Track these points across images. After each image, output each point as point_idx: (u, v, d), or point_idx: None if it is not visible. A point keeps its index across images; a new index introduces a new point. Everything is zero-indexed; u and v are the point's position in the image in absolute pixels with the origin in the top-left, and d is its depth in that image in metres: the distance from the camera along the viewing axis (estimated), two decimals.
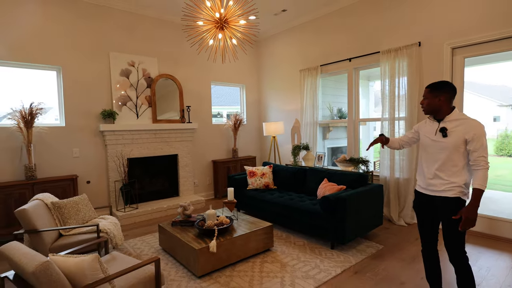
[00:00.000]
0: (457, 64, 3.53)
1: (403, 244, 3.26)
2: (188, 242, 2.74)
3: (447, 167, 1.91)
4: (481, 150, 1.80)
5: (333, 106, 6.54)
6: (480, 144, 1.80)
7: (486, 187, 1.78)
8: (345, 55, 4.63)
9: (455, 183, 1.88)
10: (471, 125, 1.84)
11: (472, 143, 1.82)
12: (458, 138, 1.86)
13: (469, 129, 1.83)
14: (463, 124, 1.86)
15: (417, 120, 3.82)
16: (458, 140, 1.86)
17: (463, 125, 1.86)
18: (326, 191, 3.50)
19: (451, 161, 1.90)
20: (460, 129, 1.86)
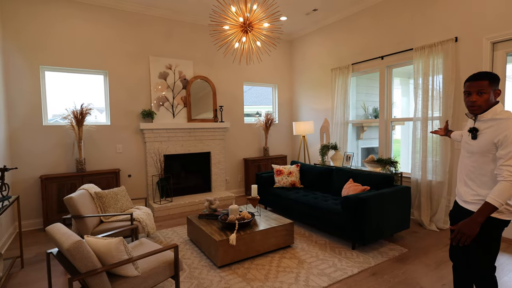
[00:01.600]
0: (498, 59, 3.25)
1: (430, 249, 3.11)
2: (211, 234, 2.93)
3: (476, 175, 1.67)
4: (507, 157, 1.50)
5: (367, 106, 6.34)
6: (508, 150, 1.50)
7: (502, 204, 1.50)
8: (377, 53, 4.50)
9: (483, 196, 1.62)
10: (504, 126, 1.53)
11: (500, 147, 1.54)
12: (487, 141, 1.60)
13: (501, 130, 1.54)
14: (498, 125, 1.56)
15: (452, 120, 3.59)
16: (487, 144, 1.60)
17: (497, 126, 1.57)
18: (349, 191, 3.47)
19: (480, 169, 1.64)
20: (492, 130, 1.58)
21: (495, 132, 1.57)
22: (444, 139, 3.63)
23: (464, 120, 3.51)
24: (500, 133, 1.54)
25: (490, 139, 1.58)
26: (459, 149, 3.58)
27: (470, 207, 1.69)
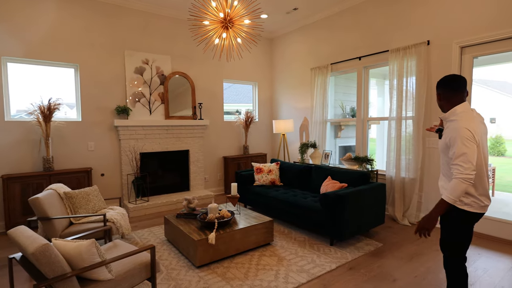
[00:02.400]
0: (465, 63, 3.43)
1: (403, 243, 3.23)
2: (189, 233, 2.87)
3: (445, 171, 1.80)
4: (455, 158, 1.61)
5: (345, 105, 6.48)
6: (453, 151, 1.62)
7: (455, 200, 1.61)
8: (355, 54, 4.60)
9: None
10: (452, 128, 1.66)
11: (450, 147, 1.66)
12: (443, 141, 1.74)
13: (449, 132, 1.68)
14: (450, 126, 1.70)
15: (424, 119, 3.74)
16: (443, 144, 1.74)
17: (449, 127, 1.70)
18: (328, 189, 3.52)
19: (447, 165, 1.76)
20: (446, 131, 1.72)
21: (447, 133, 1.70)
22: (417, 138, 3.77)
23: (435, 120, 3.67)
24: (449, 134, 1.66)
25: (444, 140, 1.73)
26: (430, 148, 3.74)
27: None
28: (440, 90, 1.80)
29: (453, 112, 1.71)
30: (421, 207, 3.85)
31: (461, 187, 1.58)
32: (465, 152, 1.58)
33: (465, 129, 1.61)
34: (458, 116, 1.67)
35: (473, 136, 1.60)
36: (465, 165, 1.58)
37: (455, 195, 1.60)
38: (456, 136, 1.61)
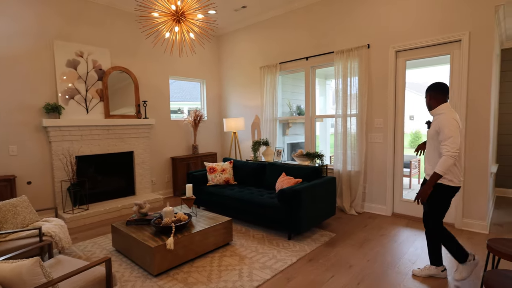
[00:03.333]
0: (399, 66, 3.84)
1: (353, 231, 3.49)
2: (144, 240, 2.65)
3: (431, 156, 2.29)
4: (444, 140, 2.12)
5: (292, 103, 6.73)
6: (442, 136, 2.13)
7: (444, 172, 2.09)
8: (303, 54, 4.79)
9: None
10: (441, 118, 2.17)
11: (439, 134, 2.17)
12: (433, 129, 2.24)
13: (438, 122, 2.18)
14: (437, 118, 2.22)
15: (366, 117, 4.09)
16: (432, 132, 2.24)
17: (438, 119, 2.21)
18: (283, 185, 3.61)
19: (434, 149, 2.26)
20: (435, 122, 2.24)
21: (436, 122, 2.22)
22: (361, 134, 4.09)
23: (376, 117, 4.04)
24: (439, 123, 2.18)
25: (434, 128, 2.24)
26: (372, 142, 4.10)
27: (427, 177, 2.35)
28: (431, 92, 2.32)
29: (440, 108, 2.24)
30: (365, 197, 4.21)
31: (449, 162, 2.08)
32: (452, 136, 2.08)
33: (453, 119, 2.12)
34: (444, 111, 2.20)
35: (458, 125, 2.14)
36: (452, 145, 2.07)
37: (444, 168, 2.09)
38: (446, 124, 2.11)
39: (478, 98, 3.26)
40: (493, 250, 1.68)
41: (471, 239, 3.17)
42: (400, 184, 3.96)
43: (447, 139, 2.11)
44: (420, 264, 2.67)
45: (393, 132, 3.92)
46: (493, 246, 1.71)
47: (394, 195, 4.00)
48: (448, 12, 3.37)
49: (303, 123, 7.15)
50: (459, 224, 3.46)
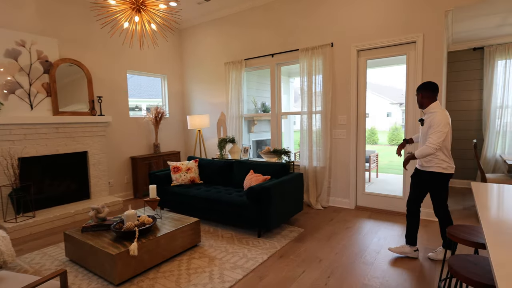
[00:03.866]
0: (361, 65, 4.00)
1: (320, 225, 3.56)
2: (103, 248, 2.43)
3: None
4: (432, 133, 2.41)
5: (257, 100, 6.71)
6: (431, 131, 2.42)
7: (418, 157, 2.45)
8: (268, 51, 4.78)
9: (432, 161, 2.51)
10: (435, 116, 2.44)
11: (430, 128, 2.45)
12: (427, 125, 2.52)
13: (432, 118, 2.45)
14: (430, 116, 2.48)
15: (330, 114, 4.20)
16: (426, 127, 2.52)
17: (431, 117, 2.47)
18: (252, 182, 3.56)
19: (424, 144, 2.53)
20: (429, 119, 2.50)
21: (429, 120, 2.48)
22: (325, 130, 4.20)
23: (340, 114, 4.17)
24: (433, 120, 2.44)
25: (428, 124, 2.50)
26: (336, 139, 4.22)
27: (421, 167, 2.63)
28: (422, 92, 2.55)
29: (432, 107, 2.51)
30: (330, 192, 4.33)
31: (428, 151, 2.38)
32: (440, 131, 2.37)
33: (446, 117, 2.41)
34: (436, 109, 2.47)
35: (448, 123, 2.41)
36: (436, 139, 2.36)
37: (422, 154, 2.42)
38: (438, 121, 2.39)
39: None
40: (452, 236, 1.80)
41: (426, 227, 3.41)
42: (362, 178, 4.14)
43: (434, 133, 2.39)
44: (384, 253, 2.80)
45: (356, 128, 4.08)
46: (452, 232, 1.83)
47: (357, 189, 4.17)
48: (404, 14, 3.57)
49: (268, 120, 7.20)
50: None
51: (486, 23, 3.93)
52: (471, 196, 4.67)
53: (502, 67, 4.59)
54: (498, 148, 4.70)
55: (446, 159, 2.49)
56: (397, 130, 16.57)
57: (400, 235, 3.21)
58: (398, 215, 3.82)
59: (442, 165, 2.49)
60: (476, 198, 1.77)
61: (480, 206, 1.61)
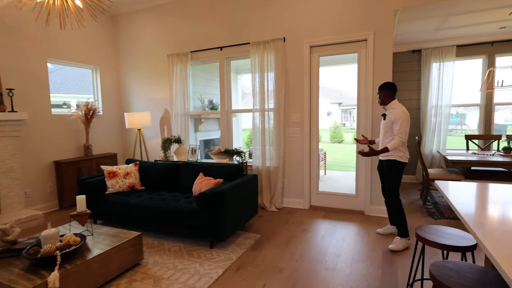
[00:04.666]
0: (314, 61, 3.92)
1: (276, 229, 3.38)
2: (10, 282, 1.87)
3: (388, 140, 2.87)
4: (398, 128, 2.72)
5: (204, 97, 6.31)
6: (397, 125, 2.74)
7: (391, 149, 2.75)
8: (217, 43, 4.44)
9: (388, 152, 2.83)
10: (397, 111, 2.76)
11: (393, 122, 2.77)
12: (389, 120, 2.82)
13: (395, 114, 2.77)
14: (393, 111, 2.80)
15: (284, 112, 4.05)
16: (389, 122, 2.82)
17: (392, 112, 2.79)
18: (202, 187, 3.21)
19: (389, 136, 2.86)
20: (391, 115, 2.80)
21: (392, 115, 2.79)
22: (278, 129, 4.03)
23: (293, 112, 4.04)
24: (395, 115, 2.76)
25: (390, 119, 2.81)
26: (289, 137, 4.09)
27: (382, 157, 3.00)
28: (385, 90, 2.86)
29: (393, 104, 2.84)
30: (284, 193, 4.19)
31: (398, 144, 2.72)
32: (405, 126, 2.73)
33: (406, 113, 2.76)
34: (397, 106, 2.80)
35: (409, 118, 2.77)
36: (402, 133, 2.72)
37: (394, 147, 2.73)
38: (400, 117, 2.72)
39: None
40: (422, 239, 1.73)
41: (380, 224, 3.46)
42: (316, 177, 4.08)
43: (401, 128, 2.72)
44: (344, 256, 2.72)
45: (309, 127, 4.00)
46: (420, 234, 1.76)
47: (311, 188, 4.10)
48: (356, 12, 3.57)
49: (216, 118, 6.84)
50: (368, 211, 3.77)
51: (425, 26, 4.17)
52: (414, 190, 4.98)
53: (436, 69, 4.98)
54: (434, 144, 5.11)
55: (402, 150, 2.83)
56: (338, 128, 17.57)
57: (357, 234, 3.19)
58: (352, 213, 3.84)
59: (399, 154, 2.82)
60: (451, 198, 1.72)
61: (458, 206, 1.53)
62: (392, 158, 2.84)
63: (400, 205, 2.87)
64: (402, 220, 2.85)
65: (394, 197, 2.88)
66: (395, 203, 2.87)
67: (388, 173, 2.89)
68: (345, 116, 26.59)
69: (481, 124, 4.98)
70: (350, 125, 24.81)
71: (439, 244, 1.64)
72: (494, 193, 1.77)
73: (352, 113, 26.24)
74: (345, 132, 19.45)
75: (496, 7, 3.52)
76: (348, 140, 17.24)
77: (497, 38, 4.65)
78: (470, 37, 4.77)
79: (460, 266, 1.43)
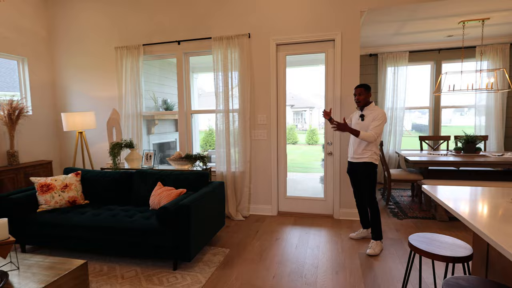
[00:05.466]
0: (280, 60, 3.73)
1: (246, 241, 3.09)
2: None
3: (363, 144, 2.79)
4: (376, 125, 2.70)
5: (157, 97, 5.75)
6: (375, 123, 2.71)
7: (362, 138, 2.69)
8: (174, 37, 4.00)
9: (367, 152, 2.78)
10: (377, 113, 2.74)
11: (373, 121, 2.73)
12: (369, 119, 2.76)
13: (375, 114, 2.74)
14: (373, 112, 2.77)
15: (250, 112, 3.78)
16: (368, 122, 2.76)
17: (373, 113, 2.76)
18: (162, 199, 2.78)
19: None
20: (371, 115, 2.76)
21: (372, 115, 2.75)
22: (244, 131, 3.75)
23: (260, 113, 3.79)
24: (376, 115, 2.73)
25: (370, 119, 2.75)
26: (256, 140, 3.84)
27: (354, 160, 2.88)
28: (367, 91, 2.79)
29: (371, 105, 2.81)
30: (251, 199, 3.92)
31: (370, 138, 2.68)
32: (382, 126, 2.73)
33: (385, 114, 2.74)
34: (375, 107, 2.79)
35: (386, 119, 2.84)
36: (377, 131, 2.70)
37: (365, 137, 2.68)
38: (382, 116, 2.72)
39: (350, 92, 3.51)
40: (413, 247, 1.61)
41: (350, 228, 3.38)
42: (284, 182, 3.89)
43: (378, 126, 2.70)
44: (322, 267, 2.54)
45: (276, 128, 3.79)
46: (417, 246, 1.63)
47: (279, 193, 3.90)
48: (324, 11, 3.47)
49: (171, 120, 6.32)
50: (337, 215, 3.68)
51: (384, 30, 4.27)
52: None
53: (391, 73, 5.18)
54: (391, 145, 5.30)
55: (377, 152, 2.82)
56: (291, 130, 17.91)
57: (331, 241, 3.06)
58: (321, 218, 3.72)
59: (374, 157, 2.80)
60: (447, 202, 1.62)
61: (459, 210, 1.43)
62: (368, 160, 2.77)
63: (378, 208, 2.80)
64: (379, 223, 2.79)
65: (373, 200, 2.79)
66: (374, 206, 2.79)
67: (365, 177, 2.80)
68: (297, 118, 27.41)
69: (430, 125, 5.31)
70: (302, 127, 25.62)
71: (441, 256, 1.52)
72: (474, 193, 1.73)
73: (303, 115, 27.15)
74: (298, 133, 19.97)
75: (449, 15, 3.71)
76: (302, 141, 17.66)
77: (444, 46, 4.99)
78: (421, 44, 5.05)
79: (471, 281, 1.31)
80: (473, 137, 3.94)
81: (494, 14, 3.65)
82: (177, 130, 6.44)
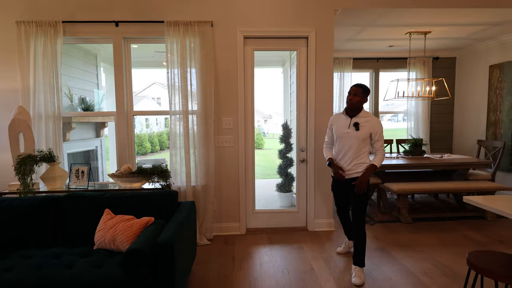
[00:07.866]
0: (248, 55, 3.28)
1: (226, 273, 2.51)
2: None
3: (359, 151, 2.40)
4: (379, 140, 2.40)
5: (73, 94, 4.50)
6: (378, 136, 2.39)
7: (380, 164, 2.39)
8: (110, 16, 3.09)
9: (362, 165, 2.40)
10: (373, 122, 2.38)
11: (375, 136, 2.39)
12: (367, 131, 2.37)
13: (374, 126, 2.38)
14: (370, 122, 2.38)
15: (214, 115, 3.19)
16: (366, 133, 2.37)
17: (370, 122, 2.37)
18: (118, 234, 1.98)
19: (362, 148, 2.40)
20: (368, 125, 2.37)
21: (371, 126, 2.37)
22: (206, 137, 3.14)
23: (224, 115, 3.25)
24: (374, 127, 2.37)
25: (368, 130, 2.37)
26: (220, 147, 3.27)
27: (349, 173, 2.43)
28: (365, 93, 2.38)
29: (364, 112, 2.42)
30: (215, 217, 3.32)
31: (383, 158, 2.42)
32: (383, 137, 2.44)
33: (382, 125, 2.42)
34: (369, 115, 2.41)
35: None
36: (382, 145, 2.42)
37: (381, 162, 2.41)
38: (380, 129, 2.38)
39: (324, 95, 3.31)
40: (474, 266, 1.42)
41: (330, 239, 3.16)
42: (252, 194, 3.43)
43: (381, 140, 2.41)
44: None
45: (244, 134, 3.31)
46: (475, 262, 1.45)
47: (247, 207, 3.41)
48: (297, 5, 3.17)
49: (93, 123, 5.13)
50: (311, 226, 3.42)
51: (342, 34, 4.26)
52: None
53: (337, 78, 5.29)
54: None
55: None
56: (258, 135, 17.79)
57: (320, 257, 2.75)
58: (295, 231, 3.39)
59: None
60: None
61: None
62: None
63: (365, 231, 2.40)
64: (364, 248, 2.39)
65: (363, 222, 2.40)
66: (363, 230, 2.38)
67: (361, 194, 2.35)
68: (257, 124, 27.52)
69: None
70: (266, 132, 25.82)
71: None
72: None
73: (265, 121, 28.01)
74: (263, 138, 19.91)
75: (401, 25, 3.91)
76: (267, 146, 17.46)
77: (382, 55, 5.37)
78: (364, 52, 5.32)
79: None
80: (420, 140, 4.28)
81: (436, 28, 4.01)
82: (98, 136, 5.27)
